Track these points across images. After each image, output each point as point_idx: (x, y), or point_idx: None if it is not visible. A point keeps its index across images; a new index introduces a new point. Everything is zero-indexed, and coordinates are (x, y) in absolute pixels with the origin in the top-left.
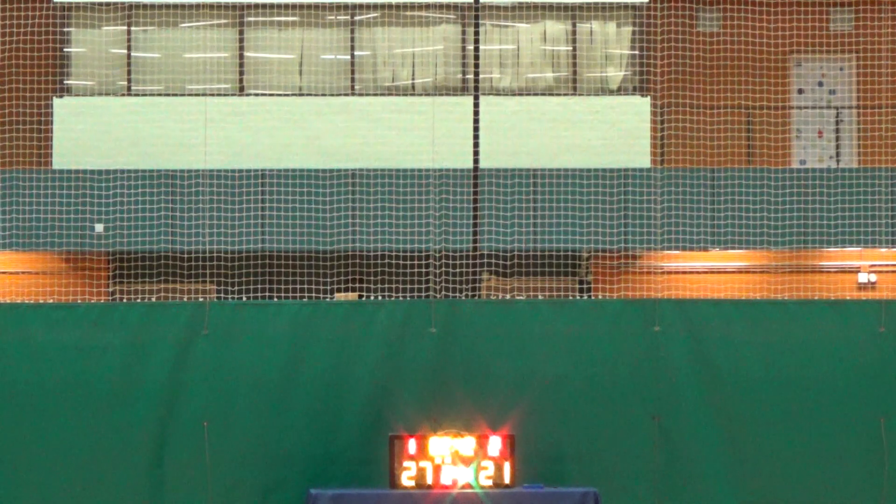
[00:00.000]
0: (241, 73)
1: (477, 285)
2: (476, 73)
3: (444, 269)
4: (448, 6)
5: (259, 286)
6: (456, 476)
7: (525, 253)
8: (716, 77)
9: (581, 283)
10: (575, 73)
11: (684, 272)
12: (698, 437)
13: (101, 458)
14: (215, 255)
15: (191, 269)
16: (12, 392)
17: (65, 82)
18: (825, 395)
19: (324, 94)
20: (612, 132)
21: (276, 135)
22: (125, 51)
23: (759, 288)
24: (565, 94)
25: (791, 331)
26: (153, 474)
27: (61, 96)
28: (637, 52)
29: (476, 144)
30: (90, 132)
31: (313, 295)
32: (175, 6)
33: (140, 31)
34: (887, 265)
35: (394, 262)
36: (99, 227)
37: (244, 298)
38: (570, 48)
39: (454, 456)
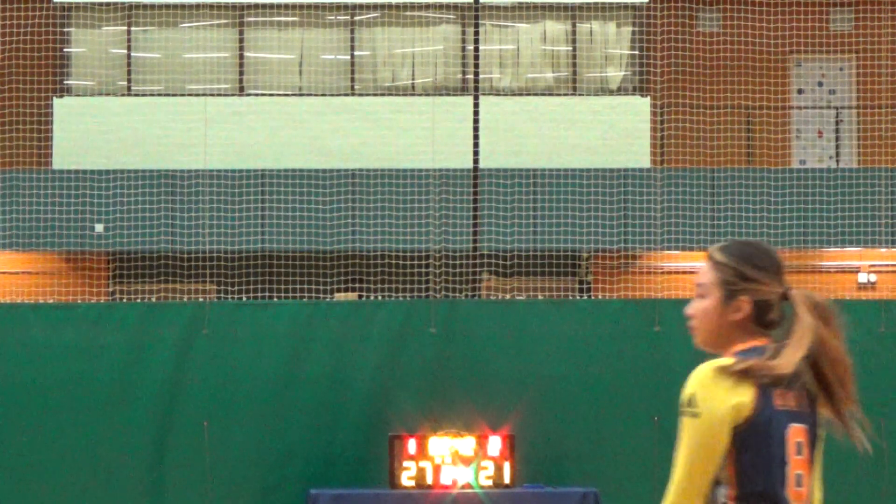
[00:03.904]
0: (241, 73)
1: (477, 285)
2: (476, 73)
3: (444, 269)
4: (448, 6)
5: (259, 286)
6: (456, 476)
7: (525, 253)
8: (716, 77)
9: (581, 283)
10: (575, 73)
11: (684, 272)
12: None
13: (101, 458)
14: (215, 255)
15: (191, 269)
16: (12, 392)
17: (65, 82)
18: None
19: (324, 94)
20: (612, 132)
21: (276, 135)
22: (125, 51)
23: None
24: (565, 94)
25: None
26: (153, 474)
27: (61, 96)
28: (637, 52)
29: (476, 144)
30: (90, 132)
31: (313, 295)
32: (175, 6)
33: (140, 31)
34: (887, 265)
35: (394, 262)
36: (99, 227)
37: (244, 298)
38: (570, 48)
39: (454, 456)
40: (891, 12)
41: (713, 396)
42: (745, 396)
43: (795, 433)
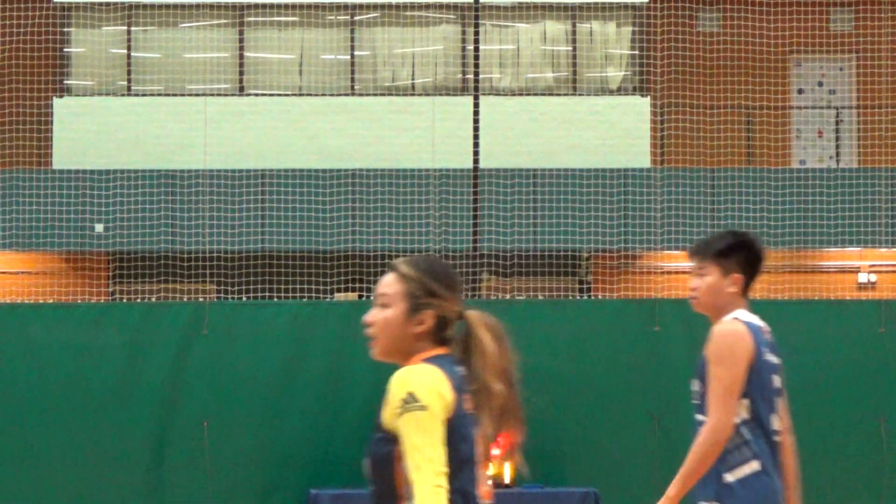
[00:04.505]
0: (241, 73)
1: (477, 285)
2: (476, 73)
3: None
4: (448, 6)
5: (259, 286)
6: None
7: (525, 253)
8: (716, 77)
9: (581, 283)
10: (575, 73)
11: (684, 272)
12: None
13: (101, 458)
14: (215, 255)
15: (191, 269)
16: (12, 392)
17: (65, 82)
18: (825, 395)
19: (324, 94)
20: (612, 132)
21: (276, 135)
22: (125, 51)
23: (759, 288)
24: (565, 94)
25: (791, 331)
26: (153, 474)
27: (61, 96)
28: (637, 52)
29: (476, 144)
30: (90, 132)
31: (313, 295)
32: (175, 6)
33: (140, 31)
34: (887, 265)
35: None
36: (99, 227)
37: (244, 298)
38: (570, 48)
39: None
40: (891, 12)
41: (430, 390)
42: (449, 398)
43: (478, 436)
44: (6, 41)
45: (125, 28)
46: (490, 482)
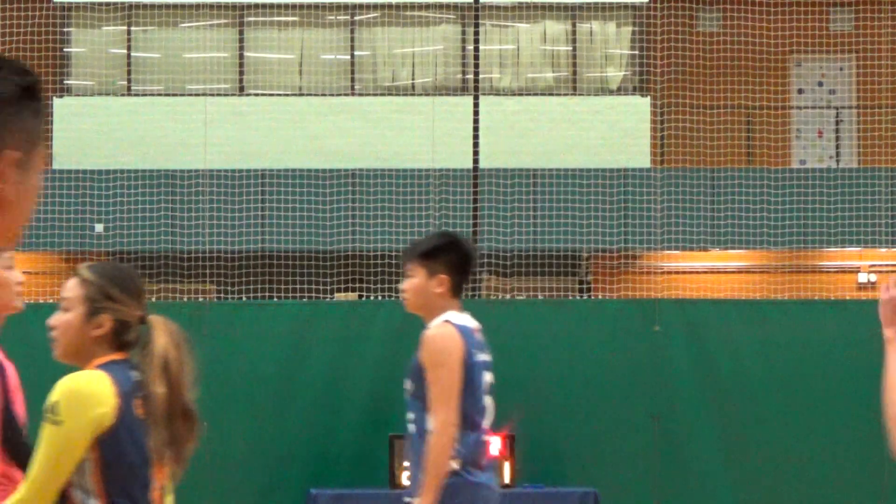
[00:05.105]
0: (241, 73)
1: (477, 285)
2: (476, 73)
3: None
4: (448, 6)
5: (259, 286)
6: None
7: (525, 253)
8: (716, 77)
9: (581, 283)
10: (575, 73)
11: (684, 272)
12: (698, 437)
13: None
14: (215, 255)
15: (191, 269)
16: None
17: (65, 82)
18: (825, 394)
19: (324, 94)
20: (612, 132)
21: (276, 135)
22: (125, 51)
23: (759, 288)
24: (565, 94)
25: (791, 331)
26: None
27: (61, 96)
28: (637, 52)
29: (476, 144)
30: (90, 132)
31: (313, 295)
32: (175, 6)
33: (140, 31)
34: (887, 265)
35: (394, 262)
36: (99, 227)
37: (244, 298)
38: (570, 48)
39: None
40: (891, 12)
41: (77, 406)
42: (106, 406)
43: (149, 440)
44: (6, 41)
45: (125, 28)
46: (161, 485)
